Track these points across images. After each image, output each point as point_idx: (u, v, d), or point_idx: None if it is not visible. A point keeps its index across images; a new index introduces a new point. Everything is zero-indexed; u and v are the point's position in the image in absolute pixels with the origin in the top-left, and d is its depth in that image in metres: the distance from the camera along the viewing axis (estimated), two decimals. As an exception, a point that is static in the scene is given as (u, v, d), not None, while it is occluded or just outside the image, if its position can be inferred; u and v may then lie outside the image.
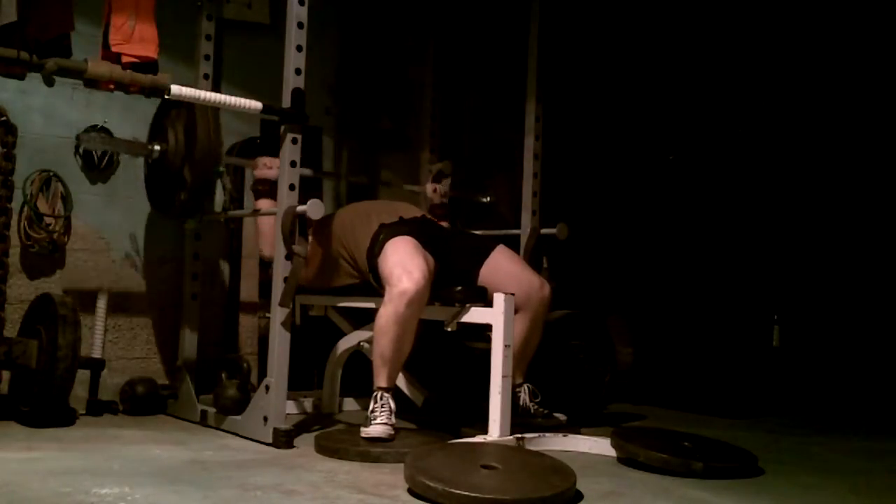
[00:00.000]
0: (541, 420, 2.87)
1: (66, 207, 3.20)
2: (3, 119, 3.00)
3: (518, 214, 3.59)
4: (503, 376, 2.54)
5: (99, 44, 2.66)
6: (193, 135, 2.79)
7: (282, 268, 2.67)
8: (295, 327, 2.79)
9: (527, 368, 2.98)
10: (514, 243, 3.42)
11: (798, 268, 4.07)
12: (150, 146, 2.96)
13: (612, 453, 2.60)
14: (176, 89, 2.54)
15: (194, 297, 3.28)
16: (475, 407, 2.74)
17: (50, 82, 2.63)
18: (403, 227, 2.85)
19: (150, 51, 3.06)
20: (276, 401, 2.63)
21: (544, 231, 3.52)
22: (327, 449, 2.52)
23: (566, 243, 3.52)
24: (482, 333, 2.80)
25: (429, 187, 3.51)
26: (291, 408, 3.26)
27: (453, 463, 2.14)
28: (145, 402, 3.16)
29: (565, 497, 2.01)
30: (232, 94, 2.69)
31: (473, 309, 2.72)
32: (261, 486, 2.07)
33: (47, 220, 3.15)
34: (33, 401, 2.75)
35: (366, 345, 3.10)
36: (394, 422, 2.59)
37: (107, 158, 3.30)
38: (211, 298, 3.48)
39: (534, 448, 2.55)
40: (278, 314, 2.66)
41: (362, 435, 2.55)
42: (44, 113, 3.20)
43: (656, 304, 4.20)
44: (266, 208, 2.96)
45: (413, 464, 2.08)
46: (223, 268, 3.58)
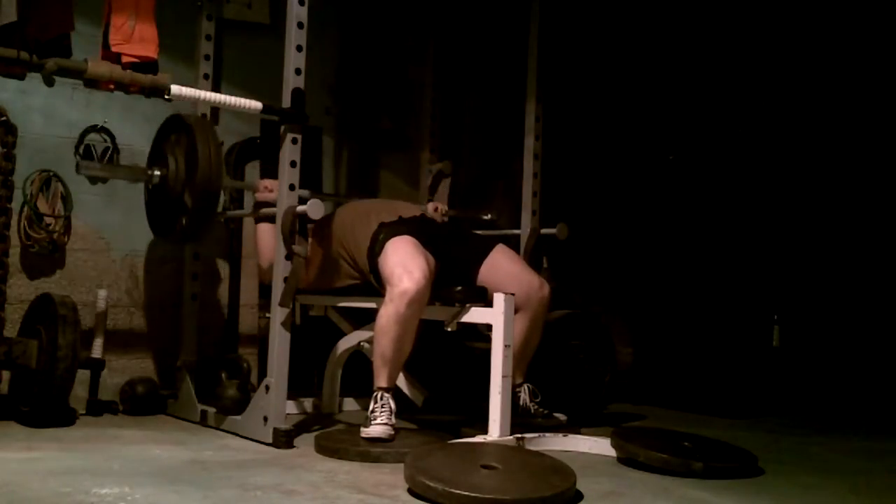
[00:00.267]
0: (541, 420, 2.87)
1: (66, 207, 3.20)
2: (3, 119, 3.00)
3: (517, 214, 3.59)
4: (503, 376, 2.54)
5: (99, 44, 2.66)
6: (194, 161, 2.71)
7: (282, 268, 2.67)
8: (295, 327, 2.79)
9: (527, 368, 2.98)
10: (514, 243, 3.42)
11: (798, 268, 4.07)
12: (150, 171, 2.87)
13: (612, 453, 2.59)
14: (176, 89, 2.54)
15: (194, 297, 3.28)
16: (475, 407, 2.74)
17: (50, 82, 2.63)
18: (403, 226, 2.84)
19: (150, 51, 3.06)
20: (276, 401, 2.63)
21: (544, 231, 3.51)
22: (327, 449, 2.51)
23: (566, 243, 3.52)
24: (482, 333, 2.80)
25: (430, 206, 3.47)
26: (291, 408, 3.26)
27: (453, 463, 2.14)
28: (145, 402, 3.16)
29: (565, 497, 2.01)
30: (232, 94, 2.69)
31: (473, 309, 2.72)
32: (261, 486, 2.07)
33: (47, 220, 3.15)
34: (33, 401, 2.75)
35: (366, 345, 3.09)
36: (394, 422, 2.59)
37: (107, 158, 3.29)
38: (211, 298, 3.48)
39: (534, 448, 2.55)
40: (278, 314, 2.66)
41: (362, 435, 2.55)
42: (44, 113, 3.20)
43: (656, 304, 4.20)
44: (267, 231, 2.92)
45: (413, 464, 2.08)
46: (223, 268, 3.58)
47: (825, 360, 4.03)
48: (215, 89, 3.34)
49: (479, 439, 2.53)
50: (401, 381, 3.09)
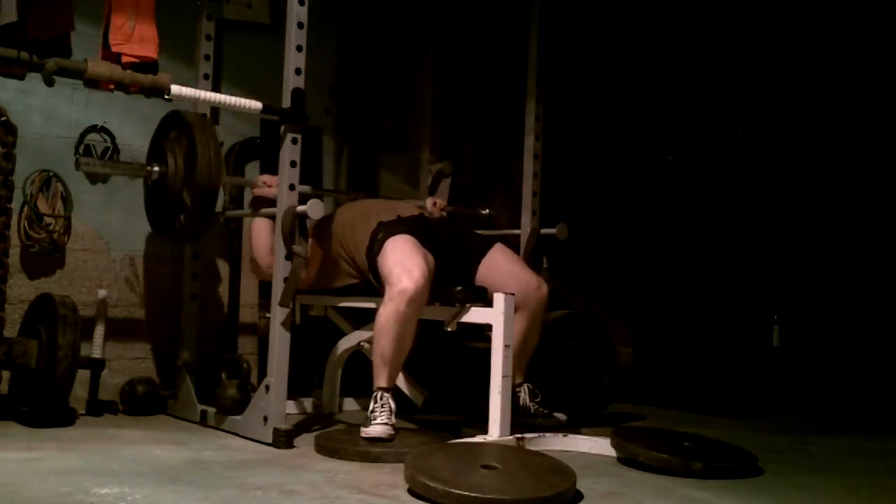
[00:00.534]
0: (541, 420, 2.87)
1: (66, 207, 3.20)
2: (3, 119, 3.00)
3: (517, 214, 3.59)
4: (503, 376, 2.54)
5: (99, 44, 2.66)
6: (193, 159, 2.71)
7: (282, 268, 2.67)
8: (295, 327, 2.79)
9: (526, 368, 2.98)
10: (514, 243, 3.42)
11: (798, 268, 4.07)
12: (150, 168, 2.87)
13: (612, 453, 2.60)
14: (176, 89, 2.53)
15: (194, 297, 3.28)
16: (475, 407, 2.74)
17: (50, 82, 2.63)
18: (402, 225, 2.84)
19: (150, 51, 3.06)
20: (276, 401, 2.63)
21: (544, 231, 3.52)
22: (327, 449, 2.51)
23: (566, 243, 3.52)
24: (482, 333, 2.80)
25: (429, 201, 3.48)
26: (291, 408, 3.26)
27: (453, 463, 2.14)
28: (145, 402, 3.16)
29: (565, 497, 2.01)
30: (232, 94, 2.69)
31: (473, 309, 2.72)
32: (261, 486, 2.07)
33: (47, 220, 3.15)
34: (33, 401, 2.74)
35: (366, 345, 3.09)
36: (394, 422, 2.59)
37: (107, 158, 3.29)
38: (211, 298, 3.48)
39: (534, 448, 2.55)
40: (278, 314, 2.66)
41: (362, 435, 2.55)
42: (44, 113, 3.20)
43: (656, 303, 4.20)
44: (263, 225, 2.95)
45: (413, 464, 2.08)
46: (223, 268, 3.58)
47: (825, 360, 4.03)
48: (215, 89, 3.33)
49: (479, 439, 2.53)
50: (401, 381, 3.09)
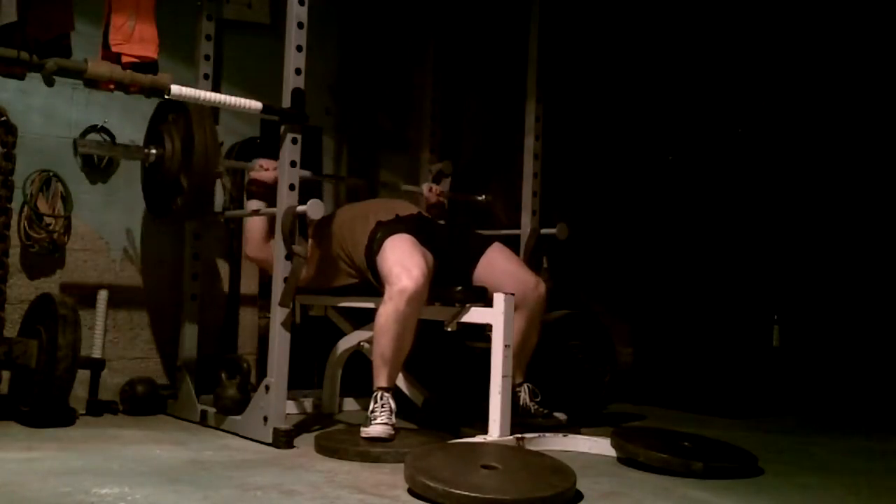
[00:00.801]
0: (541, 420, 2.87)
1: (66, 207, 3.20)
2: (3, 119, 3.00)
3: (517, 214, 3.59)
4: (503, 376, 2.54)
5: (99, 44, 2.66)
6: (191, 141, 2.75)
7: (282, 268, 2.67)
8: (295, 327, 2.79)
9: (526, 368, 2.98)
10: (514, 243, 3.42)
11: (798, 268, 4.07)
12: (147, 150, 2.91)
13: (612, 453, 2.59)
14: (176, 89, 2.53)
15: (194, 297, 3.28)
16: (475, 407, 2.74)
17: (50, 82, 2.63)
18: (401, 224, 2.85)
19: (150, 51, 3.06)
20: (276, 401, 2.63)
21: (544, 231, 3.52)
22: (327, 449, 2.51)
23: (566, 243, 3.52)
24: (482, 333, 2.80)
25: (425, 187, 3.53)
26: (291, 408, 3.26)
27: (453, 463, 2.14)
28: (145, 402, 3.16)
29: (565, 497, 2.01)
30: (232, 94, 2.69)
31: (473, 309, 2.72)
32: (261, 486, 2.07)
33: (47, 220, 3.15)
34: (33, 401, 2.74)
35: (366, 345, 3.09)
36: (394, 422, 2.59)
37: (107, 158, 3.30)
38: (211, 298, 3.48)
39: (534, 448, 2.55)
40: (278, 314, 2.66)
41: (362, 435, 2.55)
42: (44, 113, 3.20)
43: (656, 304, 4.20)
44: (255, 209, 2.98)
45: (413, 464, 2.08)
46: (223, 268, 3.58)
47: (825, 360, 4.03)
48: (215, 89, 3.33)
49: (479, 439, 2.53)
50: (401, 381, 3.09)
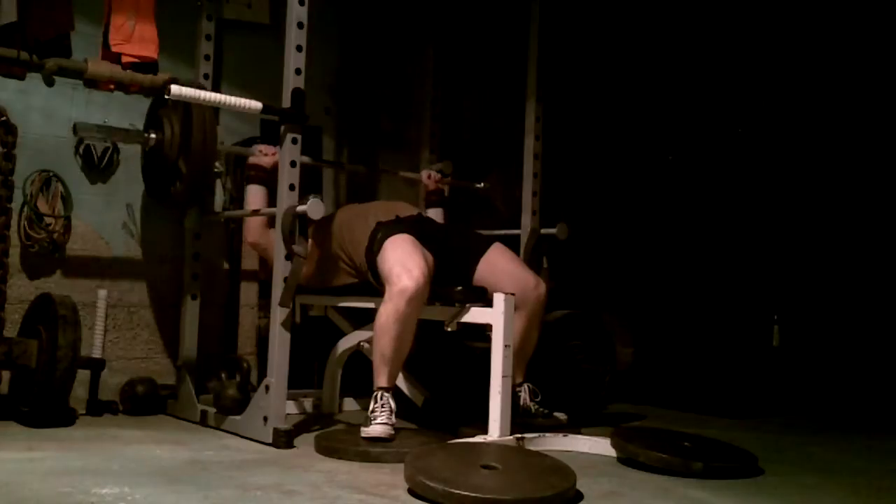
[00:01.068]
0: (541, 420, 2.88)
1: (66, 207, 3.20)
2: (3, 119, 3.00)
3: (516, 208, 3.59)
4: (503, 376, 2.54)
5: (99, 44, 2.66)
6: (189, 127, 2.78)
7: (282, 268, 2.67)
8: (295, 327, 2.79)
9: (526, 368, 2.98)
10: (514, 243, 3.42)
11: (798, 268, 4.07)
12: (146, 135, 2.97)
13: (612, 453, 2.60)
14: (176, 89, 2.53)
15: (194, 297, 3.27)
16: (475, 407, 2.74)
17: (50, 82, 2.63)
18: (401, 225, 2.85)
19: (150, 51, 3.06)
20: (276, 401, 2.63)
21: (544, 231, 3.52)
22: (327, 449, 2.51)
23: (566, 243, 3.52)
24: (482, 333, 2.80)
25: (424, 173, 3.55)
26: (291, 408, 3.26)
27: (453, 463, 2.14)
28: (145, 402, 3.16)
29: (565, 497, 2.01)
30: (232, 94, 2.69)
31: (473, 309, 2.72)
32: (261, 486, 2.07)
33: (47, 220, 3.15)
34: (33, 401, 2.74)
35: (366, 345, 3.10)
36: (394, 422, 2.59)
37: (107, 158, 3.29)
38: (211, 298, 3.48)
39: (534, 448, 2.55)
40: (278, 314, 2.66)
41: (362, 435, 2.56)
42: (44, 113, 3.20)
43: (656, 303, 4.20)
44: (256, 194, 3.04)
45: (413, 464, 2.08)
46: (223, 268, 3.58)
47: (825, 360, 4.03)
48: (215, 89, 3.33)
49: (479, 439, 2.53)
50: (401, 381, 3.09)
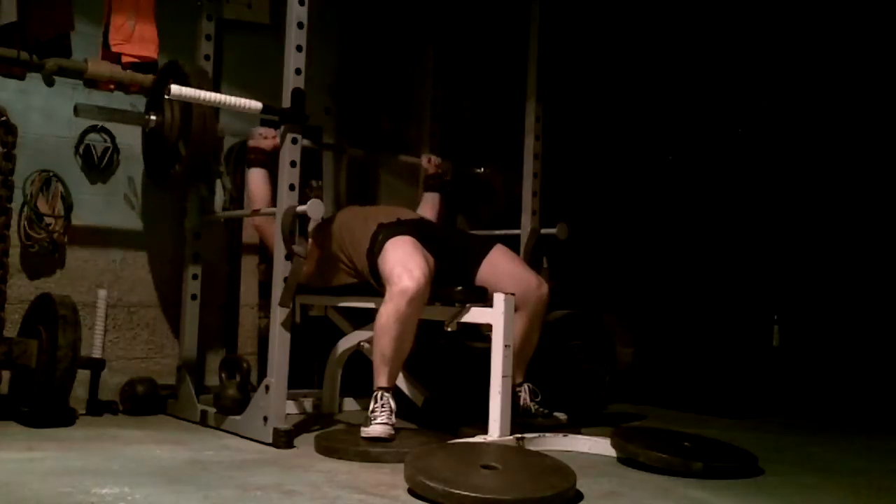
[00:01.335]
0: (541, 420, 2.87)
1: (65, 207, 3.20)
2: (3, 119, 3.00)
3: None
4: (503, 376, 2.54)
5: (99, 44, 2.67)
6: (189, 109, 2.79)
7: (282, 268, 2.67)
8: (295, 327, 2.79)
9: (526, 368, 2.98)
10: (514, 243, 3.42)
11: (798, 268, 4.07)
12: (147, 117, 2.99)
13: (612, 453, 2.60)
14: (176, 89, 2.53)
15: (194, 297, 3.27)
16: (475, 407, 2.74)
17: (50, 82, 2.64)
18: (402, 227, 2.85)
19: (150, 51, 3.07)
20: (276, 401, 2.63)
21: (544, 231, 3.52)
22: (327, 449, 2.52)
23: (566, 243, 3.52)
24: (482, 333, 2.80)
25: (424, 158, 3.54)
26: (291, 408, 3.26)
27: (453, 463, 2.14)
28: (145, 402, 3.16)
29: (565, 497, 2.01)
30: (232, 94, 2.69)
31: (473, 309, 2.72)
32: (261, 486, 2.07)
33: (47, 220, 3.14)
34: (33, 401, 2.74)
35: (366, 345, 3.09)
36: (394, 422, 2.59)
37: (107, 158, 3.30)
38: (211, 298, 3.48)
39: (534, 448, 2.55)
40: (278, 314, 2.66)
41: (362, 435, 2.56)
42: (44, 113, 3.19)
43: (656, 303, 4.20)
44: (257, 177, 3.04)
45: (413, 464, 2.08)
46: (223, 268, 3.58)
47: (825, 360, 4.03)
48: (215, 89, 3.33)
49: (479, 439, 2.53)
50: (401, 381, 3.09)
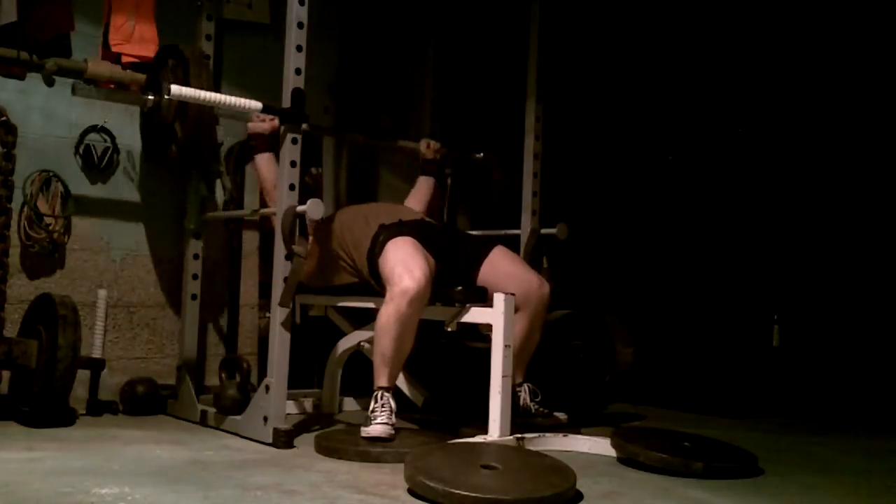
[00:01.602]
0: (541, 420, 2.87)
1: (65, 207, 3.20)
2: (3, 119, 3.00)
3: (517, 213, 3.59)
4: (503, 376, 2.54)
5: (99, 44, 2.67)
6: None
7: (282, 268, 2.67)
8: (295, 327, 2.79)
9: (527, 368, 2.98)
10: (514, 243, 3.42)
11: (798, 268, 4.07)
12: (144, 96, 2.99)
13: (612, 453, 2.60)
14: (176, 89, 2.54)
15: (194, 297, 3.27)
16: (475, 407, 2.74)
17: (50, 82, 2.64)
18: (403, 228, 2.85)
19: (150, 51, 3.08)
20: (276, 401, 2.63)
21: (544, 231, 3.52)
22: (327, 449, 2.52)
23: (566, 243, 3.52)
24: (482, 333, 2.80)
25: (423, 143, 3.53)
26: (291, 408, 3.26)
27: (453, 463, 2.14)
28: (145, 402, 3.16)
29: (565, 497, 2.01)
30: (232, 94, 2.69)
31: (473, 309, 2.72)
32: (261, 486, 2.07)
33: (47, 220, 3.14)
34: (33, 401, 2.74)
35: (366, 345, 3.10)
36: (394, 421, 2.59)
37: (107, 158, 3.29)
38: (211, 298, 3.48)
39: (534, 448, 2.55)
40: (278, 314, 2.66)
41: (362, 435, 2.56)
42: (44, 113, 3.19)
43: (656, 303, 4.20)
44: (265, 162, 2.99)
45: (413, 464, 2.09)
46: (223, 268, 3.58)
47: (825, 360, 4.03)
48: (215, 89, 3.33)
49: (479, 439, 2.53)
50: (401, 381, 3.10)
